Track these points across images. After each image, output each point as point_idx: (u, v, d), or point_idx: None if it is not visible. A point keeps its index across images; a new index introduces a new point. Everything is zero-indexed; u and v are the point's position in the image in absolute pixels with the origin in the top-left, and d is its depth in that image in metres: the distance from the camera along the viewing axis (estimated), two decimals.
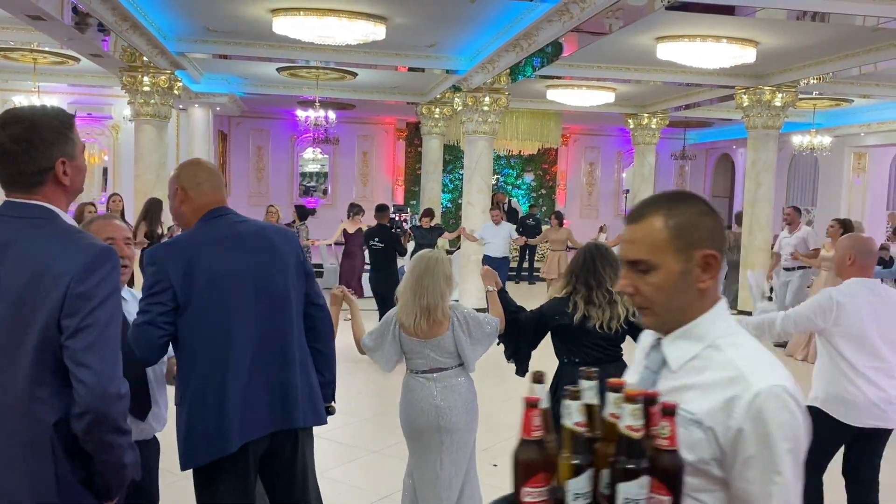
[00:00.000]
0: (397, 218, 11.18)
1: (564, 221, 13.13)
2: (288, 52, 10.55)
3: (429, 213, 11.66)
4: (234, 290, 2.55)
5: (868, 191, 17.39)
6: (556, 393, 3.54)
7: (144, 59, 10.36)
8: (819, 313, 3.58)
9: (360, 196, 19.42)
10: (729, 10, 7.20)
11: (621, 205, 20.73)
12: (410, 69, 11.28)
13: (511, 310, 3.69)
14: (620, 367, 3.56)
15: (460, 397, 3.46)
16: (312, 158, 19.92)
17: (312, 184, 19.99)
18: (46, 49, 10.95)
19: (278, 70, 12.32)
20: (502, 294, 3.75)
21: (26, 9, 7.18)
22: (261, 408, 2.57)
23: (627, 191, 18.89)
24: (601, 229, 15.77)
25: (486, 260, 10.97)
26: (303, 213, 11.37)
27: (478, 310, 3.64)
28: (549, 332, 3.67)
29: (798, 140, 14.97)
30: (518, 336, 3.65)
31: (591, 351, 3.54)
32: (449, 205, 19.25)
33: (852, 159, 17.28)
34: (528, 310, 3.79)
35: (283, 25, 8.57)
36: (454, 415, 3.42)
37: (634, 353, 3.48)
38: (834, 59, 9.77)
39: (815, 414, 3.70)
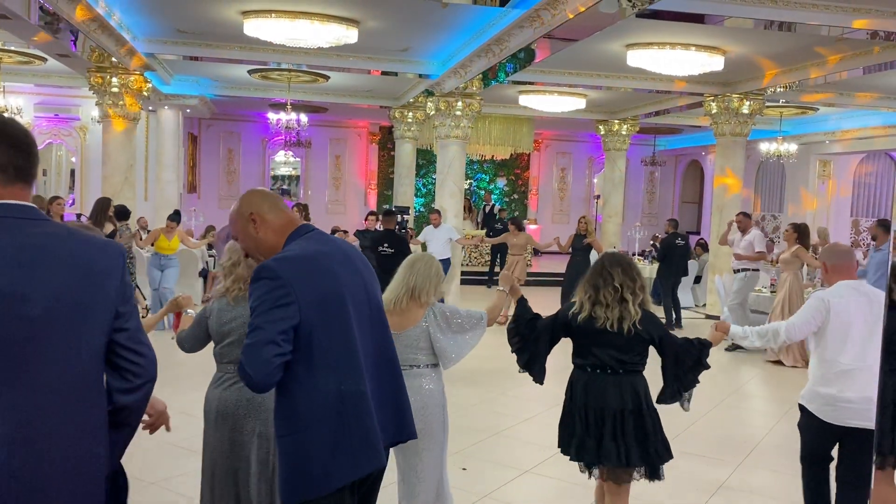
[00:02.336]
0: (401, 219, 10.98)
1: (529, 225, 13.14)
2: (259, 55, 10.48)
3: (374, 213, 11.61)
4: (354, 302, 2.47)
5: (833, 197, 17.73)
6: (572, 396, 3.58)
7: (113, 59, 10.23)
8: (815, 315, 3.78)
9: (332, 200, 19.37)
10: (698, 19, 7.31)
11: (592, 210, 20.89)
12: (383, 73, 11.28)
13: (528, 318, 3.72)
14: (637, 381, 3.54)
15: (430, 398, 3.44)
16: (284, 161, 19.80)
17: (284, 187, 19.87)
18: (12, 48, 10.76)
19: (249, 72, 12.23)
20: (521, 302, 3.79)
21: None
22: (386, 420, 2.51)
23: (598, 196, 19.04)
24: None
25: None
26: (122, 213, 9.59)
27: None
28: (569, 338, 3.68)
29: (765, 147, 15.22)
30: (535, 343, 3.66)
31: (603, 357, 3.51)
32: (422, 209, 19.25)
33: (818, 166, 17.62)
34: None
35: (255, 27, 8.51)
36: (417, 414, 3.34)
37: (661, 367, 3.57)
38: (800, 68, 9.96)
39: (804, 412, 3.86)
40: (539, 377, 3.69)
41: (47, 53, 10.07)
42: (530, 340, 3.66)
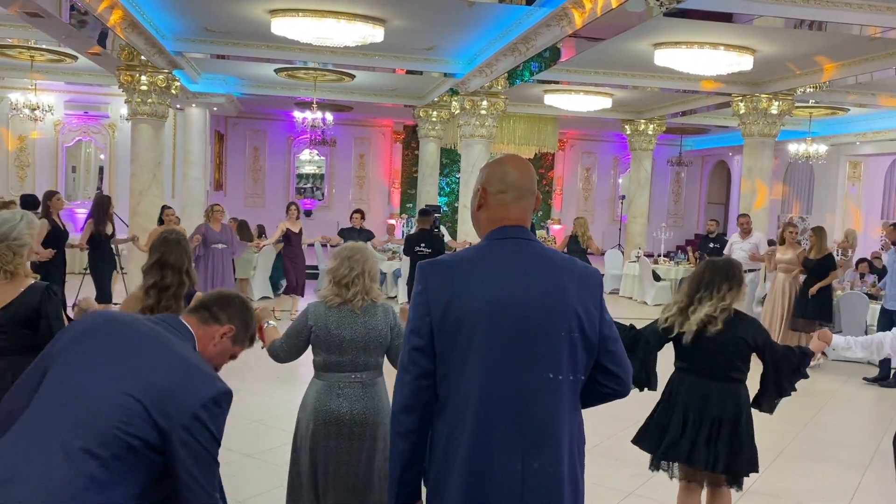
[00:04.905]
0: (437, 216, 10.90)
1: (552, 225, 13.07)
2: (286, 53, 10.55)
3: (359, 212, 11.62)
4: (492, 338, 2.01)
5: (863, 199, 17.45)
6: (671, 397, 3.65)
7: (142, 58, 10.35)
8: None
9: (356, 198, 19.44)
10: (727, 18, 7.23)
11: (617, 211, 20.76)
12: (408, 72, 11.29)
13: (626, 332, 3.60)
14: (739, 389, 3.59)
15: None
16: (309, 160, 19.91)
17: (309, 185, 19.99)
18: (44, 46, 10.92)
19: (276, 71, 12.31)
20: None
21: (25, 6, 7.16)
22: (503, 499, 1.99)
23: (623, 196, 18.91)
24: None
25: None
26: (28, 202, 8.91)
27: None
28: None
29: (794, 148, 15.03)
30: (644, 353, 3.62)
31: (707, 363, 3.58)
32: (445, 208, 19.27)
33: (848, 168, 17.35)
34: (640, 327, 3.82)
35: (282, 26, 8.56)
36: None
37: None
38: (830, 68, 9.81)
39: None
40: (652, 385, 3.65)
41: (78, 52, 10.21)
42: (636, 351, 3.62)
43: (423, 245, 8.64)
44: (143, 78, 10.85)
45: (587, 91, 12.72)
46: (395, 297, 12.35)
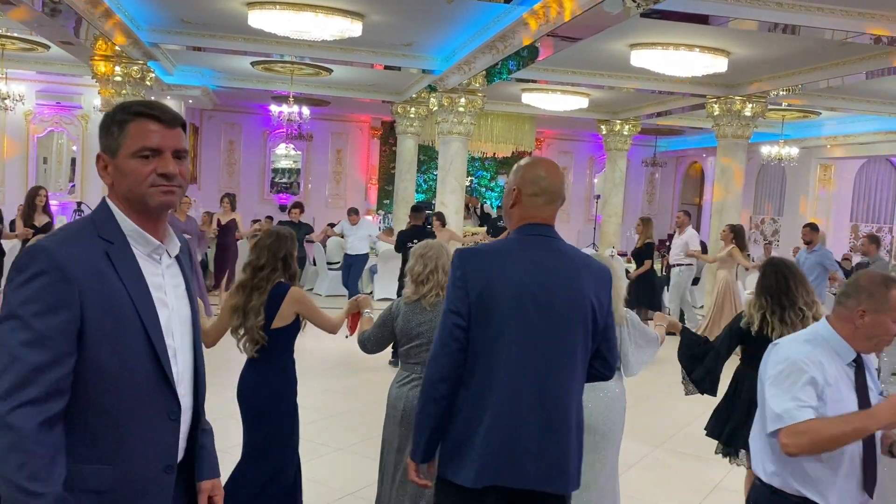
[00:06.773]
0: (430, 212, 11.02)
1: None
2: (263, 46, 10.47)
3: (298, 206, 11.75)
4: (519, 319, 2.28)
5: (833, 202, 17.75)
6: (737, 390, 3.90)
7: (116, 48, 10.21)
8: None
9: (332, 194, 19.37)
10: (703, 20, 7.31)
11: (592, 210, 20.90)
12: (386, 67, 11.26)
13: (700, 342, 4.04)
14: None
15: (617, 401, 3.54)
16: (285, 154, 19.78)
17: (284, 180, 19.86)
18: (15, 35, 10.74)
19: (252, 64, 12.21)
20: (687, 331, 4.08)
21: None
22: (525, 458, 2.26)
23: (598, 196, 19.05)
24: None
25: (346, 258, 11.53)
26: None
27: None
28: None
29: (766, 150, 15.24)
30: (713, 362, 3.94)
31: None
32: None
33: (818, 171, 17.64)
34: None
35: (259, 19, 8.51)
36: (601, 416, 3.47)
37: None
38: (803, 72, 9.96)
39: None
40: (714, 391, 3.98)
41: (50, 41, 10.06)
42: (708, 359, 3.94)
43: (415, 241, 8.66)
44: (118, 69, 10.71)
45: (564, 91, 12.79)
46: (371, 293, 12.33)
